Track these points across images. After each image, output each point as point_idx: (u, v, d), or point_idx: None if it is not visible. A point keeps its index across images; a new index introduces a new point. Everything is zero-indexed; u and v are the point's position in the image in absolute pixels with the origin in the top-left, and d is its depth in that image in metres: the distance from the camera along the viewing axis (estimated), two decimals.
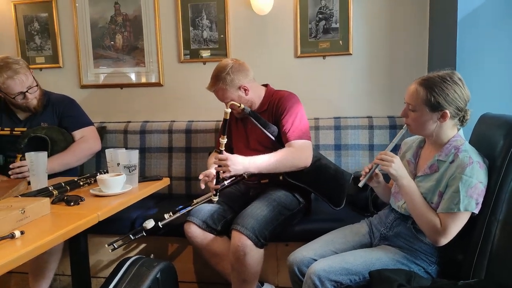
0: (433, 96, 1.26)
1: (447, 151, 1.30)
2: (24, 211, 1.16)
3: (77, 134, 2.07)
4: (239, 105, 1.67)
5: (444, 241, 1.23)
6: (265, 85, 1.93)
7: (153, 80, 2.57)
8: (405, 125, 1.37)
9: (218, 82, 1.78)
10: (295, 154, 1.71)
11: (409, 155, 1.45)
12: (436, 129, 1.30)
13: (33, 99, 1.96)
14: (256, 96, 1.86)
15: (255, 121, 1.75)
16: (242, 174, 1.71)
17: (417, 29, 2.28)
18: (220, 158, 1.62)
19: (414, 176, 1.38)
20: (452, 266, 1.33)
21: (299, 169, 1.73)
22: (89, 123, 2.15)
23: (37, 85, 1.97)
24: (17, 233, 1.05)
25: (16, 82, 1.87)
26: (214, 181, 1.72)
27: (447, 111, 1.26)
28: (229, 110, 1.62)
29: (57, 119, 2.05)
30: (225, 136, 1.64)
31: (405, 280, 1.18)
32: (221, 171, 1.64)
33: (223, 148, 1.64)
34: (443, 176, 1.28)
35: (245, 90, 1.81)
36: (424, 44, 2.27)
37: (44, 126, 1.99)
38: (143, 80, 2.59)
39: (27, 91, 1.91)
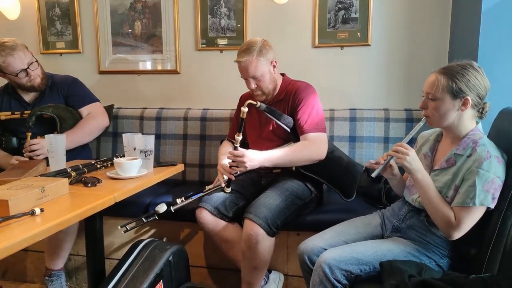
0: (454, 82, 1.25)
1: (465, 145, 1.28)
2: (44, 190, 1.19)
3: (84, 111, 2.11)
4: (255, 103, 1.66)
5: (458, 235, 1.22)
6: (282, 74, 1.92)
7: (170, 67, 2.58)
8: (424, 117, 1.36)
9: (253, 53, 1.73)
10: (311, 148, 1.71)
11: (426, 149, 1.44)
12: (457, 119, 1.28)
13: (36, 77, 2.00)
14: (278, 78, 1.86)
15: (270, 116, 1.73)
16: None
17: (438, 20, 2.22)
18: (236, 155, 1.62)
19: (431, 170, 1.36)
20: (464, 260, 1.32)
21: (313, 162, 1.73)
22: (94, 99, 2.19)
23: (36, 61, 2.01)
24: (37, 210, 1.09)
25: (16, 58, 1.91)
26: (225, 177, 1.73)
27: (469, 98, 1.24)
28: (246, 109, 1.62)
29: (63, 99, 2.10)
30: (241, 134, 1.65)
31: (416, 272, 1.18)
32: (236, 166, 1.65)
33: (238, 145, 1.65)
34: (459, 170, 1.26)
35: (274, 66, 1.80)
36: (445, 36, 2.22)
37: (51, 105, 2.03)
38: (160, 67, 2.61)
39: (28, 68, 1.95)
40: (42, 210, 1.10)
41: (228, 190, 1.76)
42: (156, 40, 2.57)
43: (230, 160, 1.67)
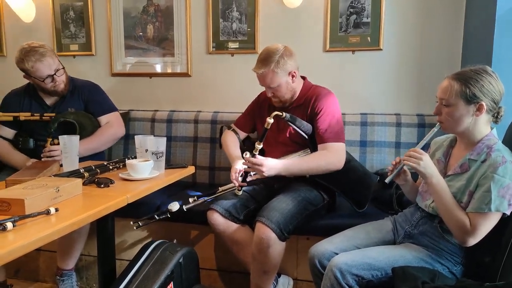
0: (468, 88, 1.23)
1: (479, 150, 1.27)
2: (58, 190, 1.21)
3: (103, 119, 2.14)
4: (281, 114, 1.62)
5: (473, 241, 1.21)
6: (303, 78, 1.90)
7: (182, 70, 2.60)
8: (438, 123, 1.35)
9: (270, 64, 1.70)
10: (329, 158, 1.70)
11: (439, 154, 1.42)
12: (471, 124, 1.27)
13: (61, 83, 2.02)
14: (298, 86, 1.83)
15: (292, 124, 1.71)
16: None
17: (451, 24, 2.21)
18: (254, 163, 1.61)
19: (444, 175, 1.35)
20: (478, 267, 1.30)
21: (331, 172, 1.71)
22: (113, 108, 2.22)
23: (63, 68, 2.04)
24: (52, 210, 1.10)
25: (45, 64, 1.93)
26: (240, 178, 1.74)
27: (483, 103, 1.23)
28: (272, 121, 1.58)
29: (83, 104, 2.12)
30: (262, 143, 1.64)
31: (429, 279, 1.17)
32: (253, 173, 1.66)
33: (257, 153, 1.65)
34: (474, 175, 1.25)
35: (293, 77, 1.77)
36: (458, 41, 2.21)
37: (72, 111, 2.06)
38: (172, 70, 2.63)
39: (55, 74, 1.97)
40: (57, 210, 1.11)
41: (240, 193, 1.76)
42: (168, 43, 2.60)
43: (246, 166, 1.67)
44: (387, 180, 1.38)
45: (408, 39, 2.27)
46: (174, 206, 1.70)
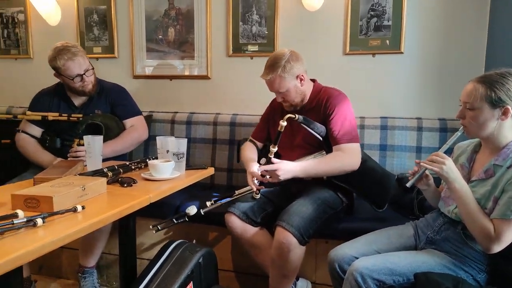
0: (493, 91, 1.21)
1: (505, 156, 1.24)
2: (84, 188, 1.24)
3: (128, 122, 2.19)
4: (294, 116, 1.63)
5: (498, 248, 1.18)
6: (313, 80, 1.91)
7: (201, 73, 2.63)
8: (461, 127, 1.33)
9: (276, 70, 1.72)
10: (345, 159, 1.70)
11: (463, 159, 1.40)
12: (496, 129, 1.25)
13: (89, 83, 2.08)
14: (307, 89, 1.84)
15: (306, 126, 1.71)
16: None
17: (475, 27, 2.17)
18: (269, 169, 1.62)
19: (468, 181, 1.32)
20: (503, 275, 1.27)
21: (346, 173, 1.71)
22: (139, 112, 2.27)
23: (92, 69, 2.09)
24: (79, 208, 1.13)
25: (75, 63, 1.99)
26: (257, 181, 1.74)
27: (509, 107, 1.21)
28: (285, 123, 1.59)
29: (109, 107, 2.17)
30: (276, 146, 1.64)
31: (453, 285, 1.14)
32: (269, 176, 1.65)
33: (272, 156, 1.65)
34: (499, 181, 1.22)
35: (301, 80, 1.77)
36: (482, 44, 2.17)
37: (100, 113, 2.11)
38: (192, 72, 2.66)
39: (84, 74, 2.03)
40: (83, 208, 1.14)
41: (257, 196, 1.77)
42: (188, 46, 2.63)
43: (262, 170, 1.67)
44: (408, 184, 1.36)
45: (430, 42, 2.24)
46: (192, 210, 1.71)
